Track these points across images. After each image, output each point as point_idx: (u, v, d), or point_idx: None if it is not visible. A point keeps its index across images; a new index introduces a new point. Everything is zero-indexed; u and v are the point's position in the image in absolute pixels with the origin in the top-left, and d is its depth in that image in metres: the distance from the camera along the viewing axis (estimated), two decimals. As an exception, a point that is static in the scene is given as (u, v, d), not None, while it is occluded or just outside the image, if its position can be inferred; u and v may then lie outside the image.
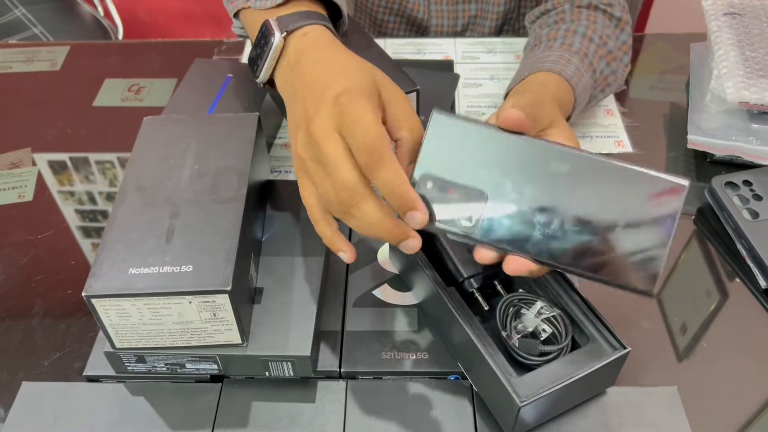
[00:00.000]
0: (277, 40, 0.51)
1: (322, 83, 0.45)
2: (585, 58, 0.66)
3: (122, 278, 0.45)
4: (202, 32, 1.94)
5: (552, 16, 0.74)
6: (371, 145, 0.40)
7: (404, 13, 0.91)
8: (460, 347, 0.49)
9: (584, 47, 0.66)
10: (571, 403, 0.49)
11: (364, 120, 0.41)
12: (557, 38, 0.68)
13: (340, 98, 0.42)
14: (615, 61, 0.69)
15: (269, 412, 0.49)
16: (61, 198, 0.69)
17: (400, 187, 0.41)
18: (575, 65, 0.64)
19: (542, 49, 0.68)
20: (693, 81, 0.75)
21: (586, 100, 0.67)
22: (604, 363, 0.45)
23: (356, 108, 0.42)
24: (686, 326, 0.56)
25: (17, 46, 0.91)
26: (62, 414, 0.49)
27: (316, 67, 0.47)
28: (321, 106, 0.43)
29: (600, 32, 0.69)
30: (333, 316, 0.54)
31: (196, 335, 0.47)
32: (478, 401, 0.49)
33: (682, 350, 0.54)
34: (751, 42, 0.72)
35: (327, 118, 0.42)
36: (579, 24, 0.69)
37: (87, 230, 0.66)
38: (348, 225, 0.43)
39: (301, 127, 0.45)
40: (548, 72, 0.62)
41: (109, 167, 0.72)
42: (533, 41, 0.73)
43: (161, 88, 0.82)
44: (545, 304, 0.49)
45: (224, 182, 0.51)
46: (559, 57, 0.64)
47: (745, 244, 0.60)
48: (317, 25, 0.53)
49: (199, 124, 0.57)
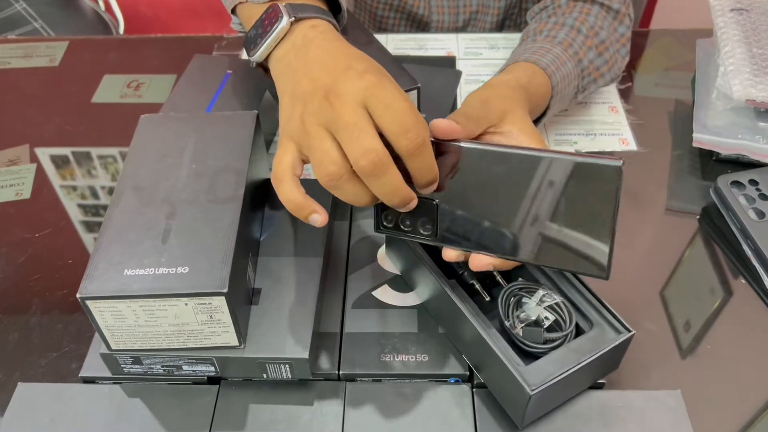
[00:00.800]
0: (284, 22, 0.51)
1: (341, 61, 0.45)
2: (569, 47, 0.66)
3: (117, 280, 0.44)
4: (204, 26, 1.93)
5: (548, 11, 0.73)
6: (414, 128, 0.41)
7: (404, 8, 0.90)
8: (466, 340, 0.49)
9: (569, 38, 0.66)
10: (578, 389, 0.49)
11: (402, 104, 0.41)
12: (543, 31, 0.68)
13: (366, 74, 0.42)
14: (608, 51, 0.69)
15: (267, 414, 0.49)
16: (64, 192, 0.68)
17: (434, 175, 0.44)
18: (555, 54, 0.63)
19: (527, 42, 0.68)
20: (699, 78, 0.74)
21: (572, 90, 0.66)
22: (609, 347, 0.46)
23: (390, 89, 0.42)
24: (690, 328, 0.55)
25: (16, 42, 0.90)
26: (58, 415, 0.49)
27: (328, 52, 0.47)
28: (345, 78, 0.43)
29: (591, 23, 0.68)
30: (332, 317, 0.53)
31: (193, 337, 0.47)
32: (478, 405, 0.49)
33: (686, 352, 0.53)
34: (758, 38, 0.71)
35: (352, 88, 0.42)
36: (569, 17, 0.69)
37: (89, 225, 0.65)
38: (370, 187, 0.43)
39: (316, 94, 0.44)
40: (524, 62, 0.62)
41: (111, 161, 0.71)
42: (522, 36, 0.72)
43: (160, 84, 0.81)
44: (547, 291, 0.49)
45: (222, 182, 0.51)
46: (539, 48, 0.64)
47: (751, 245, 0.59)
48: (325, 20, 0.52)
49: (196, 123, 0.56)
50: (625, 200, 0.66)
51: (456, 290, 0.49)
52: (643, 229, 0.64)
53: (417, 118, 0.42)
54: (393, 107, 0.41)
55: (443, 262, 0.51)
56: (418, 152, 0.42)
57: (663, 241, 0.62)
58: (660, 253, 0.61)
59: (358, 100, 0.42)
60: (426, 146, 0.42)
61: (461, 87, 0.79)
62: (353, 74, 0.43)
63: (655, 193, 0.67)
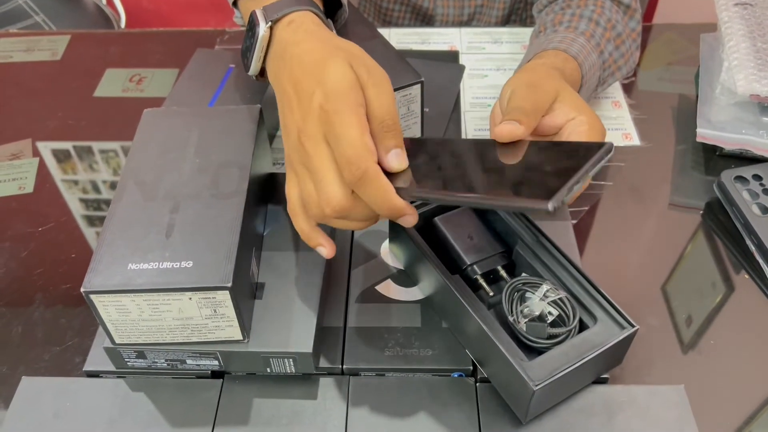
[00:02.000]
0: (262, 31, 0.51)
1: (306, 86, 0.44)
2: (591, 38, 0.65)
3: (121, 274, 0.44)
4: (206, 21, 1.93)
5: (559, 3, 0.73)
6: (355, 161, 0.40)
7: (410, 1, 0.90)
8: (469, 335, 0.49)
9: (590, 29, 0.66)
10: (581, 384, 0.49)
11: (347, 135, 0.41)
12: (562, 22, 0.68)
13: (324, 107, 0.42)
14: (624, 44, 0.69)
15: (270, 408, 0.49)
16: (65, 187, 0.68)
17: (388, 201, 0.42)
18: (581, 43, 0.63)
19: (547, 33, 0.68)
20: (703, 72, 0.74)
21: (595, 81, 0.66)
22: (613, 343, 0.45)
23: (340, 120, 0.41)
24: (693, 323, 0.55)
25: (18, 35, 0.90)
26: (62, 409, 0.49)
27: (300, 64, 0.46)
28: (308, 115, 0.43)
29: (607, 16, 0.68)
30: (335, 312, 0.53)
31: (197, 331, 0.47)
32: (481, 399, 0.49)
33: (689, 347, 0.53)
34: (762, 33, 0.71)
35: (314, 128, 0.43)
36: (585, 9, 0.68)
37: (91, 219, 0.65)
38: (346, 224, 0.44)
39: (292, 132, 0.45)
40: (553, 50, 0.61)
41: (112, 156, 0.71)
42: (538, 28, 0.72)
43: (163, 79, 0.81)
44: (550, 286, 0.49)
45: (225, 176, 0.51)
46: (563, 38, 0.64)
47: (755, 240, 0.59)
48: (302, 11, 0.51)
49: (199, 117, 0.56)
50: (629, 195, 0.66)
51: (459, 285, 0.49)
52: (647, 224, 0.64)
53: (361, 148, 0.41)
54: (340, 139, 0.41)
55: (446, 257, 0.52)
56: (360, 183, 0.41)
57: (666, 236, 0.62)
58: (663, 248, 0.61)
59: (320, 138, 0.43)
60: (368, 177, 0.41)
61: (464, 81, 0.78)
62: (315, 109, 0.43)
63: (659, 188, 0.66)
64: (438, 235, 0.54)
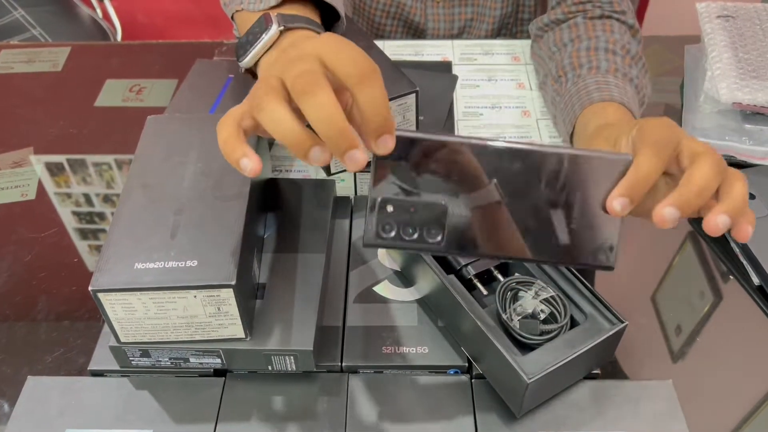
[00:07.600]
0: (273, 30, 0.53)
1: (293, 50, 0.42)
2: (617, 72, 0.65)
3: (128, 273, 0.45)
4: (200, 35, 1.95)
5: (564, 29, 0.73)
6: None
7: (401, 16, 0.92)
8: (465, 333, 0.50)
9: (612, 63, 0.66)
10: (573, 378, 0.50)
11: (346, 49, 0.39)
12: (582, 65, 0.67)
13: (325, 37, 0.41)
14: (640, 61, 0.69)
15: (272, 405, 0.50)
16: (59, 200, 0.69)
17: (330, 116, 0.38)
18: (615, 84, 0.62)
19: (572, 80, 0.67)
20: (687, 82, 0.76)
21: (637, 107, 0.64)
22: (603, 338, 0.47)
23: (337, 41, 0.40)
24: (681, 322, 0.57)
25: (19, 47, 0.91)
26: (67, 408, 0.50)
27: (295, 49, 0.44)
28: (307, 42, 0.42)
29: (620, 41, 0.68)
30: (334, 311, 0.55)
31: (201, 329, 0.48)
32: (477, 395, 0.50)
33: (677, 345, 0.55)
34: (744, 44, 0.74)
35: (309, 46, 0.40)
36: (597, 40, 0.69)
37: (84, 232, 0.66)
38: (303, 109, 0.38)
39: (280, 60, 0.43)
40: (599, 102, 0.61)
41: (106, 169, 0.73)
42: (555, 71, 0.70)
43: (162, 89, 0.83)
44: (542, 285, 0.51)
45: (227, 180, 0.52)
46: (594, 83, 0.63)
47: (738, 243, 0.61)
48: (315, 32, 0.54)
49: (202, 123, 0.58)
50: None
51: (455, 285, 0.51)
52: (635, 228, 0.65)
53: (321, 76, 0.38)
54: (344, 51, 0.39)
55: (441, 258, 0.53)
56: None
57: (654, 240, 0.64)
58: (651, 251, 0.63)
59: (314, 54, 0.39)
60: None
61: (457, 91, 0.80)
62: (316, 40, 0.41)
63: (646, 193, 0.68)
64: None
